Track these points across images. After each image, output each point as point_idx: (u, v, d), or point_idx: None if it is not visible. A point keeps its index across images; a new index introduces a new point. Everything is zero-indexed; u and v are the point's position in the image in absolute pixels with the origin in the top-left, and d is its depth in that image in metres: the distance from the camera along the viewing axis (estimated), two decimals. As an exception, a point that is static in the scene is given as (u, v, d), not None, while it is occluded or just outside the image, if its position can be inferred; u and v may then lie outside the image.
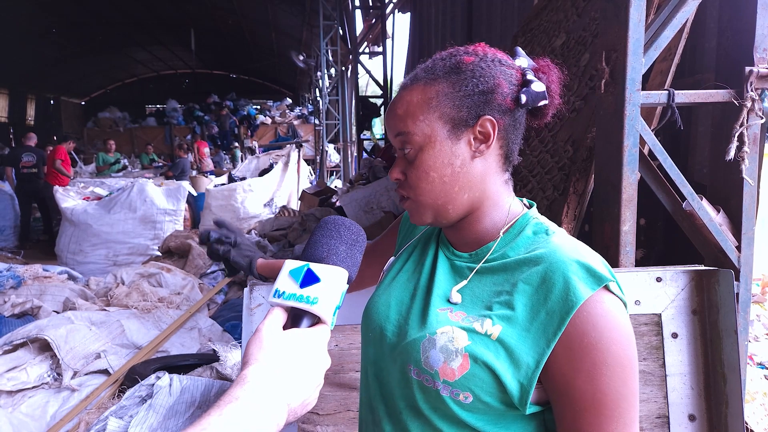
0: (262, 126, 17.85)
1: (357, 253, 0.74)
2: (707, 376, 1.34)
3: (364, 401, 0.94)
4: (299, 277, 0.68)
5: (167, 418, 2.34)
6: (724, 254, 1.74)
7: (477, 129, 0.80)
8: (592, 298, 0.72)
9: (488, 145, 0.81)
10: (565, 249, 0.77)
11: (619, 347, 0.72)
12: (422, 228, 0.99)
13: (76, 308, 3.61)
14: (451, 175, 0.81)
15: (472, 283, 0.82)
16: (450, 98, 0.80)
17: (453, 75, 0.81)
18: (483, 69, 0.80)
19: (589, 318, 0.72)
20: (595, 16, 2.22)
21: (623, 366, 0.72)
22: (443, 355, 0.77)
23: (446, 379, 0.76)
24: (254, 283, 1.45)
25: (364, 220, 5.50)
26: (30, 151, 8.00)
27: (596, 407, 0.71)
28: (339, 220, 0.76)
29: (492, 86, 0.80)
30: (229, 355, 2.83)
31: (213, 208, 7.74)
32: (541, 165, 2.22)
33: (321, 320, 0.68)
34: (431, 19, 7.50)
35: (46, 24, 14.85)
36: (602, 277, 0.74)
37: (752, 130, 1.69)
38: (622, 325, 0.73)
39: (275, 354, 0.62)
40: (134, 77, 23.83)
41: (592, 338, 0.71)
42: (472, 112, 0.80)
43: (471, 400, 0.76)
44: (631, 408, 0.73)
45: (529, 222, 0.84)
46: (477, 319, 0.77)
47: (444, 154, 0.81)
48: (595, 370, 0.71)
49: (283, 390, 0.60)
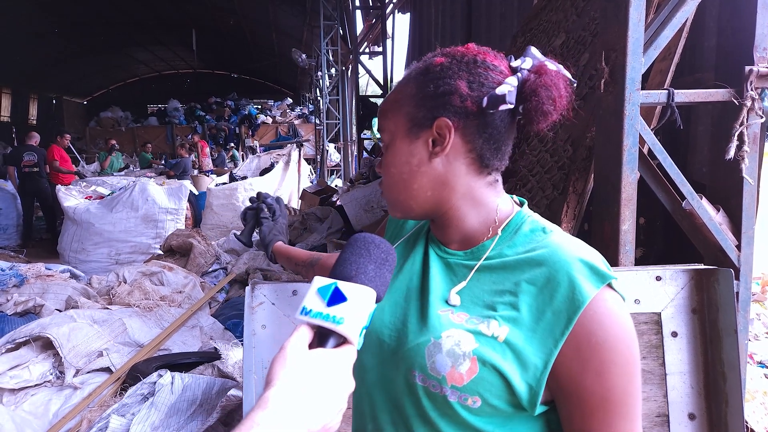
0: (263, 125, 17.88)
1: (386, 272, 0.72)
2: (707, 374, 1.34)
3: (367, 412, 0.90)
4: (326, 296, 0.66)
5: (169, 416, 2.35)
6: (723, 253, 1.74)
7: (434, 131, 0.81)
8: (597, 296, 0.73)
9: (443, 147, 0.80)
10: (566, 248, 0.77)
11: (625, 345, 0.73)
12: (409, 227, 0.98)
13: (79, 307, 3.62)
14: (409, 172, 0.83)
15: (471, 283, 0.81)
16: (413, 98, 0.82)
17: (420, 76, 0.83)
18: (447, 71, 0.80)
19: (596, 317, 0.72)
20: (594, 15, 2.22)
21: (629, 363, 0.73)
22: (450, 359, 0.75)
23: (454, 384, 0.75)
24: (255, 282, 1.46)
25: (365, 219, 5.51)
26: (31, 150, 8.01)
27: (605, 405, 0.72)
28: (369, 237, 0.74)
29: (451, 89, 0.79)
30: (231, 353, 2.83)
31: (214, 207, 7.76)
32: (541, 164, 2.22)
33: (347, 340, 0.66)
34: (431, 19, 7.51)
35: (48, 24, 14.87)
36: (605, 275, 0.74)
37: (752, 129, 1.69)
38: (626, 322, 0.74)
39: (298, 375, 0.61)
40: (136, 77, 23.86)
41: (600, 337, 0.72)
42: (429, 113, 0.81)
43: (479, 405, 0.75)
44: (637, 404, 0.74)
45: (524, 220, 0.84)
46: (482, 320, 0.76)
47: (402, 152, 0.83)
48: (603, 368, 0.72)
49: (304, 415, 0.59)
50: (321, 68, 12.24)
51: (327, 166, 12.67)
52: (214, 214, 7.76)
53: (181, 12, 15.56)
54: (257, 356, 1.45)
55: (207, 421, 2.29)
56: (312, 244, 5.39)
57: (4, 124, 18.11)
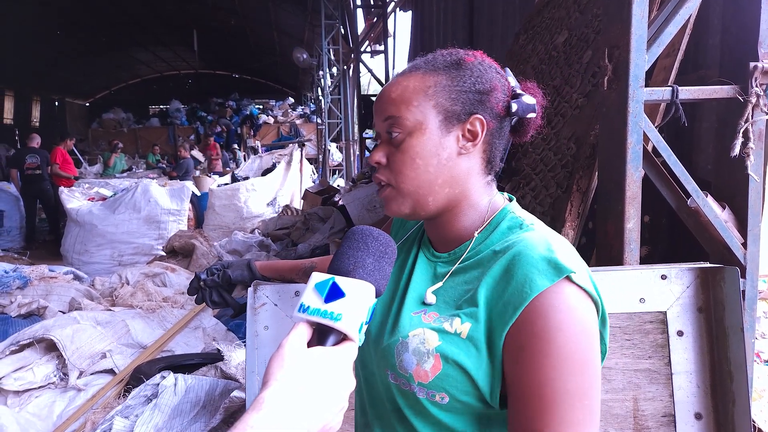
0: (265, 125, 17.88)
1: (386, 266, 0.71)
2: (713, 374, 1.34)
3: (357, 404, 0.95)
4: (324, 292, 0.65)
5: (172, 418, 2.35)
6: (729, 251, 1.73)
7: (467, 126, 0.81)
8: (549, 289, 0.70)
9: (474, 144, 0.81)
10: (532, 242, 0.76)
11: (566, 338, 0.69)
12: (410, 228, 0.98)
13: (82, 308, 3.62)
14: (437, 166, 0.81)
15: (446, 283, 0.82)
16: (447, 90, 0.80)
17: (453, 69, 0.82)
18: (481, 71, 0.82)
19: (541, 308, 0.70)
20: (597, 12, 2.21)
21: (570, 359, 0.68)
22: (416, 357, 0.77)
23: (420, 381, 0.76)
24: (258, 282, 1.45)
25: (367, 218, 5.50)
26: (33, 152, 8.03)
27: (536, 399, 0.69)
28: (367, 230, 0.72)
29: (489, 88, 0.81)
30: (234, 354, 2.83)
31: (216, 207, 7.76)
32: (545, 162, 2.21)
33: (347, 337, 0.65)
34: (432, 17, 7.49)
35: (50, 25, 14.90)
36: (563, 268, 0.71)
37: (757, 125, 1.68)
38: (575, 316, 0.70)
39: (296, 373, 0.59)
40: (138, 78, 23.89)
41: (538, 327, 0.69)
42: (465, 108, 0.80)
43: (448, 401, 0.76)
44: (578, 407, 0.68)
45: (505, 217, 0.84)
46: (447, 318, 0.77)
47: (432, 143, 0.80)
48: (537, 360, 0.69)
49: (301, 416, 0.57)
50: (322, 67, 12.23)
51: (329, 166, 12.66)
52: (216, 215, 7.76)
53: (182, 12, 15.57)
54: (260, 357, 1.45)
55: (210, 422, 2.29)
56: (314, 244, 5.39)
57: (7, 126, 18.15)
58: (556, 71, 2.42)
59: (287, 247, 5.73)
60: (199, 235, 5.61)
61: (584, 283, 0.72)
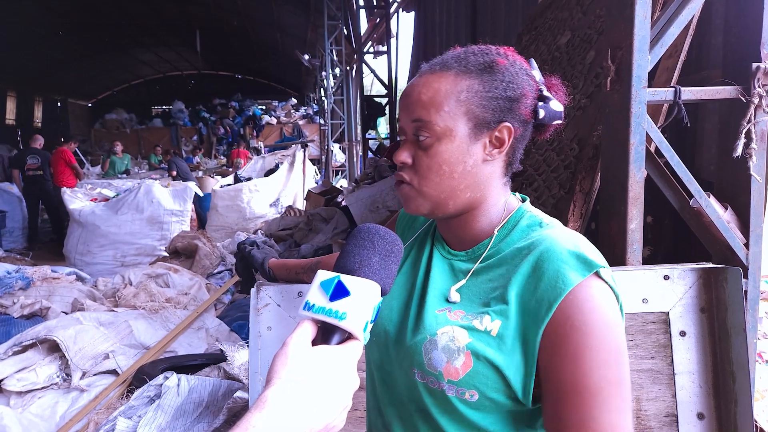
0: (268, 126, 17.90)
1: (392, 264, 0.70)
2: (716, 374, 1.34)
3: (371, 405, 0.94)
4: (329, 290, 0.65)
5: (176, 418, 2.36)
6: (732, 252, 1.73)
7: (495, 134, 0.81)
8: (582, 283, 0.72)
9: (501, 152, 0.82)
10: (558, 239, 0.77)
11: (603, 330, 0.71)
12: (420, 225, 0.98)
13: (85, 309, 3.63)
14: (462, 172, 0.81)
15: (470, 281, 0.83)
16: (479, 96, 0.79)
17: (486, 73, 0.80)
18: (513, 75, 0.80)
19: (576, 302, 0.72)
20: (600, 13, 2.21)
21: (607, 350, 0.71)
22: (446, 355, 0.77)
23: (450, 378, 0.76)
24: (261, 283, 1.46)
25: (370, 219, 5.50)
26: (35, 153, 8.05)
27: (581, 393, 0.70)
28: (373, 228, 0.72)
29: (519, 95, 0.80)
30: (237, 354, 2.84)
31: (219, 208, 7.77)
32: (547, 163, 2.21)
33: (353, 336, 0.64)
34: (436, 17, 7.49)
35: (52, 26, 14.94)
36: (593, 263, 0.74)
37: (760, 126, 1.68)
38: (607, 309, 0.73)
39: (300, 372, 0.59)
40: (140, 79, 23.94)
41: (578, 321, 0.71)
42: (495, 116, 0.80)
43: (477, 398, 0.76)
44: (620, 394, 0.71)
45: (523, 215, 0.85)
46: (476, 316, 0.78)
47: (460, 151, 0.80)
48: (578, 352, 0.71)
49: (304, 415, 0.56)
50: (325, 68, 12.24)
51: (332, 167, 12.67)
52: (219, 216, 7.77)
53: (184, 13, 15.60)
54: (263, 358, 1.45)
55: (213, 423, 2.30)
56: (317, 245, 5.39)
57: (10, 126, 18.19)
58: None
59: (290, 248, 5.73)
60: (202, 235, 5.61)
61: (609, 279, 0.75)
